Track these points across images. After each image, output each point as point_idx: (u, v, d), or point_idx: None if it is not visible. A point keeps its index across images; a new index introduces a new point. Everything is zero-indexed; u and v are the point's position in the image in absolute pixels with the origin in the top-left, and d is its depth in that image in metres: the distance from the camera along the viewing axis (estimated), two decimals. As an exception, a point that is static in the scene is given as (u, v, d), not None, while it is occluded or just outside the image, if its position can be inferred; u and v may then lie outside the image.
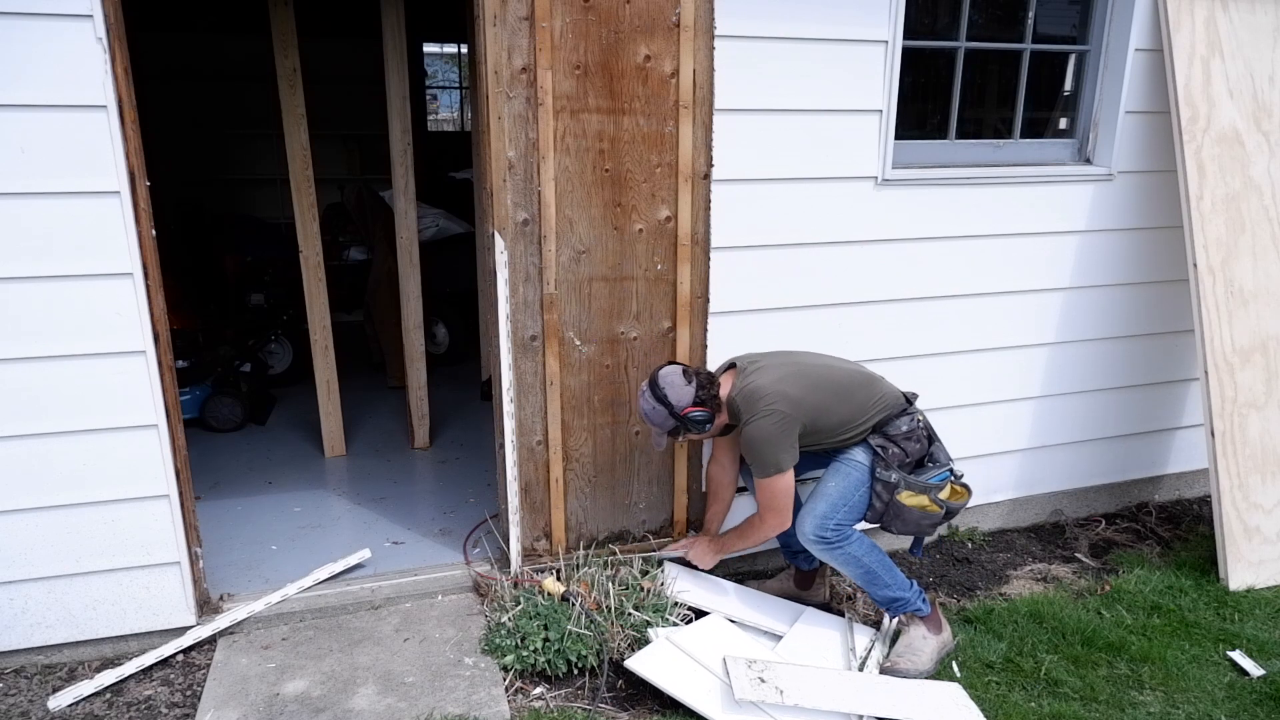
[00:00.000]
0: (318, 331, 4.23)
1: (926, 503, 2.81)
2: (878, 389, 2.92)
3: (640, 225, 3.04)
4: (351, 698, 2.68)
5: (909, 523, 2.83)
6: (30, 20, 2.35)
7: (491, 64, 2.75)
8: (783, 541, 3.22)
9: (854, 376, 2.93)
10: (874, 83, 3.15)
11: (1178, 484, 4.27)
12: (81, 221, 2.52)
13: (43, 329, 2.56)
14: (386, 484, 4.14)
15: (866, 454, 2.86)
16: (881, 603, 2.99)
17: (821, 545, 2.85)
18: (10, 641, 2.80)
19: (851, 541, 2.85)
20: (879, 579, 2.91)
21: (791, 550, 3.22)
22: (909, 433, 2.85)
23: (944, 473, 2.86)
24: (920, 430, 2.88)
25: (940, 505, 2.82)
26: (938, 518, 2.85)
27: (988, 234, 3.49)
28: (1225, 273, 3.51)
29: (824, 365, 2.95)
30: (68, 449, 2.67)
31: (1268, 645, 3.10)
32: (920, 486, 2.80)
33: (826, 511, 2.83)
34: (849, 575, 2.94)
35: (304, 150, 3.95)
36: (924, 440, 2.89)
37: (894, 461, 2.81)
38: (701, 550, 3.13)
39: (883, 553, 2.93)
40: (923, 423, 2.91)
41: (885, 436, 2.84)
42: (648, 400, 2.84)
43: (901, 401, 2.93)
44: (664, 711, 2.67)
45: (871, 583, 2.93)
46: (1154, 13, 3.44)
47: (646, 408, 2.85)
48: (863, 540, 2.88)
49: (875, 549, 2.91)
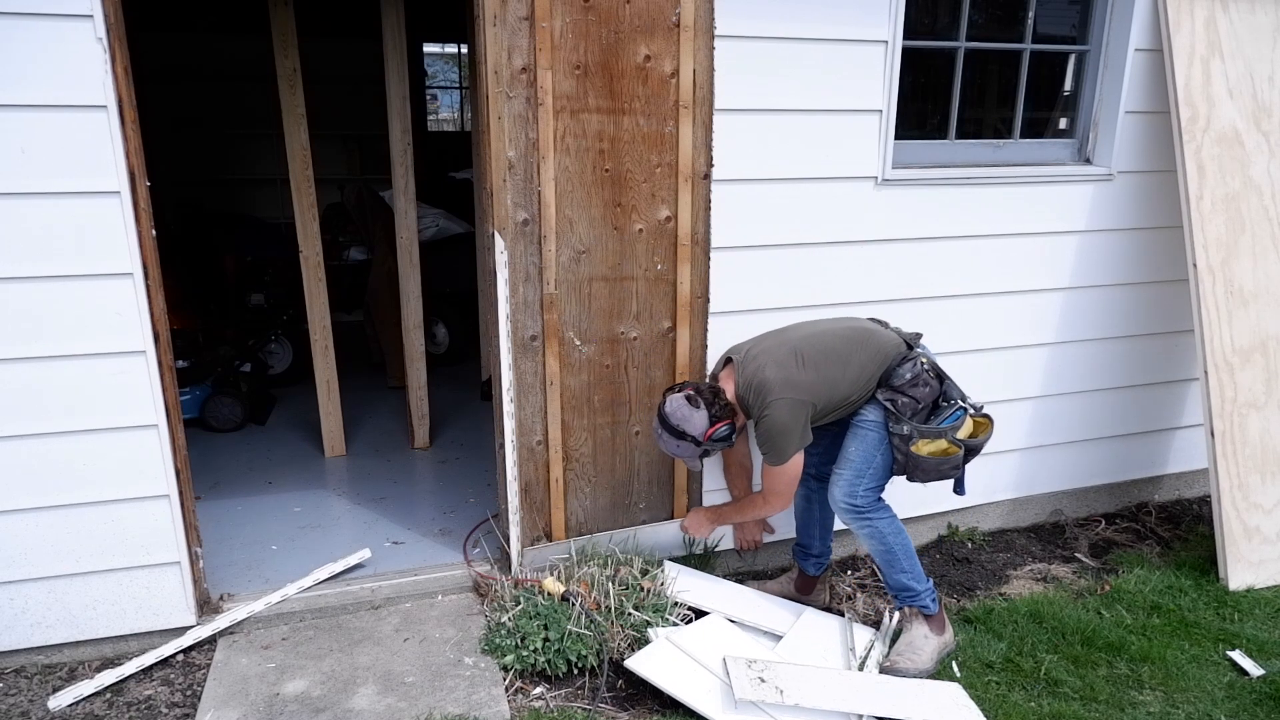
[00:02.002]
0: (318, 331, 4.23)
1: (945, 446, 2.75)
2: (874, 342, 2.84)
3: (640, 225, 3.04)
4: (351, 698, 2.68)
5: (930, 471, 2.78)
6: (30, 20, 2.35)
7: (491, 64, 2.75)
8: (802, 541, 3.22)
9: (850, 337, 2.86)
10: (874, 83, 3.15)
11: (1178, 484, 4.27)
12: (82, 222, 2.52)
13: (43, 329, 2.56)
14: (386, 484, 4.14)
15: (878, 411, 2.81)
16: (893, 588, 2.96)
17: (852, 513, 2.84)
18: (10, 641, 2.80)
19: (882, 517, 2.85)
20: (898, 563, 2.89)
21: (806, 551, 3.22)
22: (914, 379, 2.75)
23: (957, 412, 2.78)
24: (926, 373, 2.77)
25: (959, 445, 2.76)
26: (958, 459, 2.78)
27: (987, 234, 3.50)
28: (1225, 273, 3.51)
29: (817, 334, 2.87)
30: (68, 449, 2.67)
31: (1267, 645, 3.10)
32: (935, 432, 2.74)
33: (853, 477, 2.82)
34: (871, 550, 2.94)
35: (304, 150, 3.95)
36: (933, 382, 2.78)
37: (905, 412, 2.74)
38: (697, 518, 3.17)
39: (908, 539, 2.91)
40: (927, 364, 2.80)
41: (891, 389, 2.77)
42: (668, 441, 2.83)
43: (901, 348, 2.85)
44: (664, 711, 2.67)
45: (890, 564, 2.91)
46: (1154, 13, 3.44)
47: (671, 447, 2.84)
48: (894, 520, 2.88)
49: (903, 532, 2.89)
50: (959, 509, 3.84)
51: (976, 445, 2.84)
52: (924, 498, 3.20)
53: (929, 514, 3.76)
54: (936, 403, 2.79)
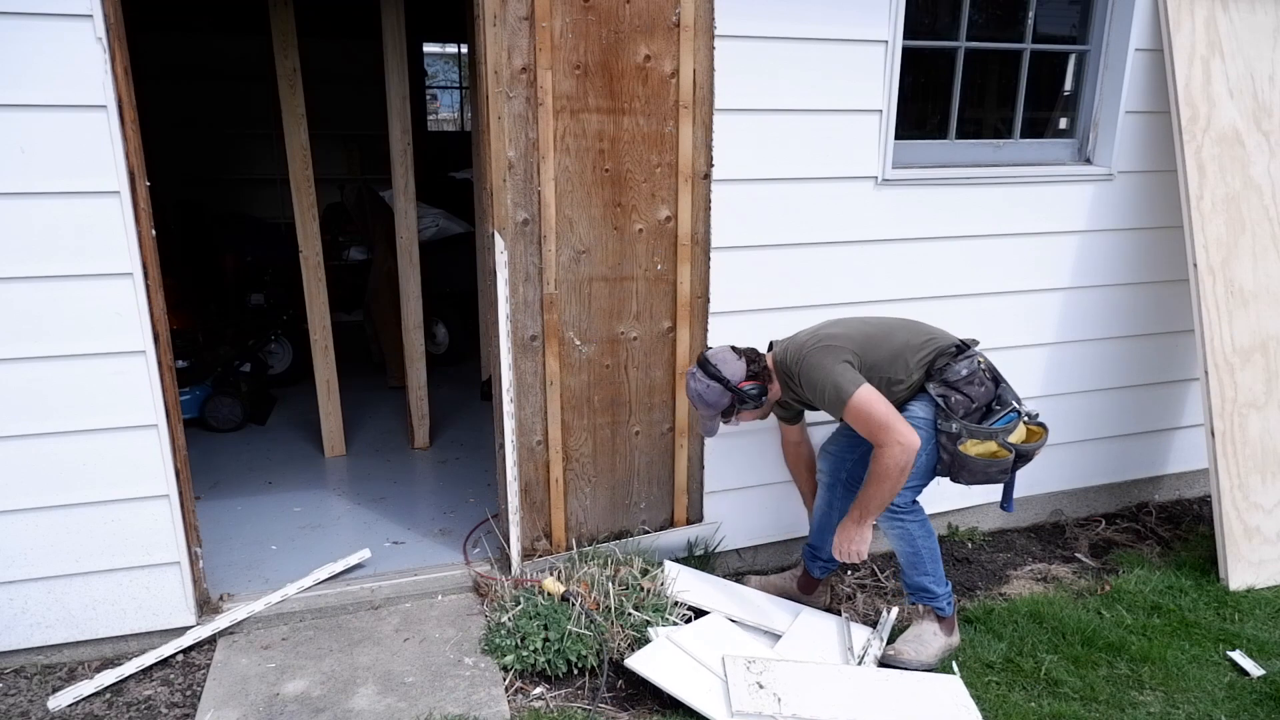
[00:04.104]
0: (318, 331, 4.23)
1: (995, 449, 2.70)
2: (921, 328, 2.87)
3: (640, 225, 3.04)
4: (351, 698, 2.68)
5: (976, 472, 2.73)
6: (30, 20, 2.35)
7: (491, 64, 2.75)
8: (814, 542, 3.20)
9: (892, 320, 2.94)
10: (874, 83, 3.15)
11: (1178, 484, 4.27)
12: (81, 221, 2.52)
13: (42, 329, 2.56)
14: (386, 484, 4.14)
15: (927, 407, 2.76)
16: (912, 588, 2.95)
17: (888, 515, 2.81)
18: (10, 641, 2.80)
19: (915, 519, 2.84)
20: (923, 565, 2.88)
21: (815, 554, 3.20)
22: (969, 376, 2.70)
23: (1010, 414, 2.73)
24: (983, 373, 2.73)
25: (1009, 449, 2.70)
26: (1007, 463, 2.71)
27: (988, 234, 3.49)
28: (1225, 273, 3.51)
29: (856, 318, 2.95)
30: (68, 449, 2.67)
31: (1268, 645, 3.10)
32: (985, 433, 2.69)
33: None
34: (896, 550, 2.92)
35: (304, 150, 3.95)
36: (989, 383, 2.73)
37: (958, 410, 2.69)
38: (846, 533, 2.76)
39: (936, 542, 2.90)
40: (984, 364, 2.76)
41: (945, 384, 2.71)
42: (700, 380, 2.76)
43: (956, 342, 2.82)
44: (664, 711, 2.67)
45: (914, 565, 2.90)
46: (1154, 13, 3.44)
47: (699, 388, 2.76)
48: (926, 523, 2.87)
49: (932, 535, 2.88)
50: (959, 509, 3.84)
51: (1028, 451, 2.76)
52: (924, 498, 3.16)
53: (929, 514, 3.74)
54: (990, 406, 2.74)
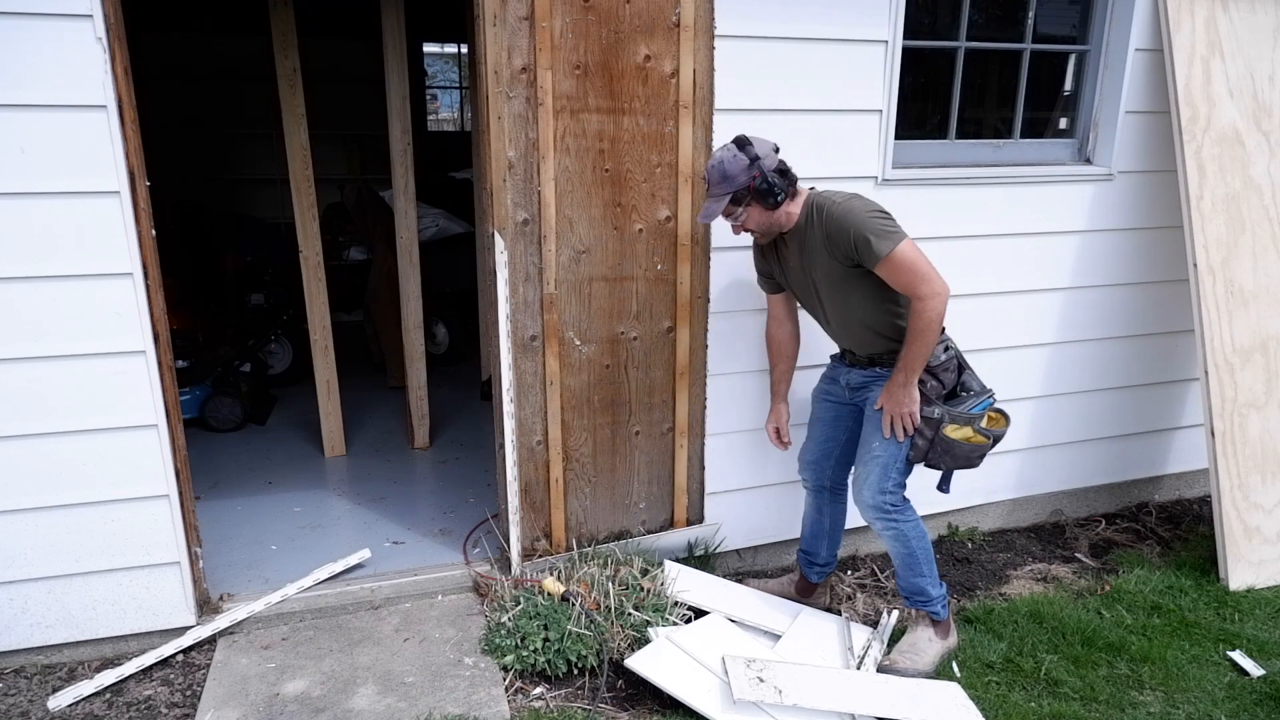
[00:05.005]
0: (318, 331, 4.23)
1: (971, 434, 2.73)
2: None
3: (640, 225, 3.04)
4: (351, 698, 2.68)
5: (959, 457, 2.75)
6: (30, 20, 2.35)
7: (491, 64, 2.75)
8: (808, 549, 3.20)
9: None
10: (874, 83, 3.15)
11: (1178, 484, 4.27)
12: (81, 221, 2.52)
13: (42, 329, 2.56)
14: (386, 484, 4.14)
15: None
16: (907, 590, 2.94)
17: (880, 515, 2.81)
18: (10, 641, 2.80)
19: (908, 520, 2.83)
20: (918, 566, 2.88)
21: (811, 560, 3.21)
22: (944, 363, 2.75)
23: (986, 400, 2.76)
24: (953, 360, 2.78)
25: (986, 435, 2.74)
26: (985, 448, 2.76)
27: (988, 234, 3.49)
28: (1225, 273, 3.51)
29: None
30: (67, 449, 2.67)
31: (1268, 645, 3.10)
32: (964, 418, 2.71)
33: (881, 475, 2.78)
34: (891, 552, 2.91)
35: (304, 150, 3.95)
36: (955, 370, 2.79)
37: (933, 395, 2.73)
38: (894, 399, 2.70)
39: (929, 543, 2.90)
40: (954, 352, 2.80)
41: (926, 369, 2.72)
42: (729, 150, 2.63)
43: None
44: (664, 711, 2.67)
45: (909, 567, 2.89)
46: (1154, 13, 3.44)
47: (725, 155, 2.63)
48: (919, 523, 2.86)
49: (926, 536, 2.88)
50: (959, 509, 3.84)
51: (999, 436, 2.80)
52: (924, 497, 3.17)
53: (929, 514, 3.73)
54: (954, 391, 2.79)
